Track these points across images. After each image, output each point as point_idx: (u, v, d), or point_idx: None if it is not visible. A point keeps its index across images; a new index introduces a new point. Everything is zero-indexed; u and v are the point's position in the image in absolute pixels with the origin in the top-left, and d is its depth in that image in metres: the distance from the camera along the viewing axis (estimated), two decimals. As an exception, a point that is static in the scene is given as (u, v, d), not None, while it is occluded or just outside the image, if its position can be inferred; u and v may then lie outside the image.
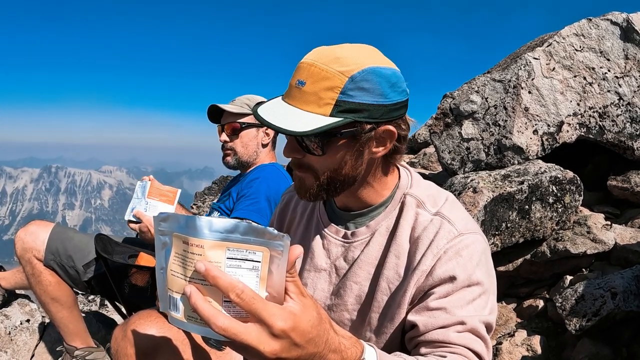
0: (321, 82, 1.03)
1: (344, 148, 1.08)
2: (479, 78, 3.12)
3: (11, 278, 2.62)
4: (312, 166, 1.11)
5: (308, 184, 1.13)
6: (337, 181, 1.12)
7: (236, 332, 0.67)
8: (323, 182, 1.12)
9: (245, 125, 2.30)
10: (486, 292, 1.06)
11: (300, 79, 1.05)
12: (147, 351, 1.28)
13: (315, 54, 1.07)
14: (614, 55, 3.00)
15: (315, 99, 1.03)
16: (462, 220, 1.13)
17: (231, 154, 2.34)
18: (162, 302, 0.77)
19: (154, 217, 0.75)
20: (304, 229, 1.32)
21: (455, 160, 3.10)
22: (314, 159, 1.10)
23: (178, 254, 0.71)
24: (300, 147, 1.10)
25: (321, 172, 1.11)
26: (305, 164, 1.12)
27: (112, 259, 2.14)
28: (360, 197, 1.19)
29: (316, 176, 1.11)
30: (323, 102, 1.03)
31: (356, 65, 1.03)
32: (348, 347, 0.80)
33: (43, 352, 2.62)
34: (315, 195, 1.14)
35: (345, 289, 1.21)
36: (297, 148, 1.10)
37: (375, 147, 1.11)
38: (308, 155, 1.10)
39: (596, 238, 2.61)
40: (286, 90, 1.11)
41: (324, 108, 1.03)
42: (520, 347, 2.38)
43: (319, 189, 1.13)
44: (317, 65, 1.04)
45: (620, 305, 2.14)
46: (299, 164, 1.13)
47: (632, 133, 2.98)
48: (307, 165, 1.12)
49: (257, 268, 0.70)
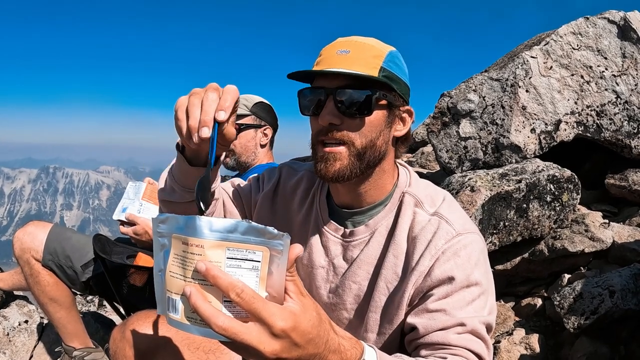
0: (367, 50, 1.10)
1: (381, 115, 1.12)
2: (477, 77, 3.12)
3: (9, 279, 2.61)
4: (349, 135, 1.10)
5: (340, 158, 1.10)
6: (370, 155, 1.12)
7: (236, 331, 0.67)
8: (358, 154, 1.10)
9: (244, 126, 2.30)
10: (485, 292, 1.06)
11: (343, 49, 1.10)
12: (146, 352, 1.27)
13: (345, 37, 1.15)
14: (612, 53, 3.01)
15: (364, 63, 1.08)
16: (459, 220, 1.13)
17: (230, 155, 2.34)
18: (160, 304, 0.76)
19: (153, 219, 0.75)
20: (302, 219, 1.31)
21: (453, 159, 3.10)
22: (354, 125, 1.10)
23: (177, 255, 0.71)
24: (340, 112, 1.08)
25: (358, 142, 1.10)
26: (341, 133, 1.10)
27: (110, 259, 2.13)
28: (362, 194, 1.19)
29: (352, 147, 1.10)
30: (371, 66, 1.08)
31: (386, 46, 1.14)
32: (348, 348, 0.80)
33: (41, 352, 2.62)
34: (343, 170, 1.10)
35: (344, 289, 1.21)
36: (337, 113, 1.09)
37: (397, 125, 1.18)
38: (347, 121, 1.09)
39: (594, 236, 2.61)
40: (321, 62, 1.12)
41: (372, 70, 1.08)
42: (518, 345, 2.38)
43: (350, 163, 1.10)
44: (357, 40, 1.12)
45: (618, 303, 2.14)
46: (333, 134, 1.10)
47: (630, 131, 2.98)
48: (342, 136, 1.10)
49: (257, 268, 0.70)
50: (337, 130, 1.10)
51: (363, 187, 1.18)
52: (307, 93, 1.14)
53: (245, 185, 1.44)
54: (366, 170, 1.13)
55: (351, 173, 1.11)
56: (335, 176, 1.11)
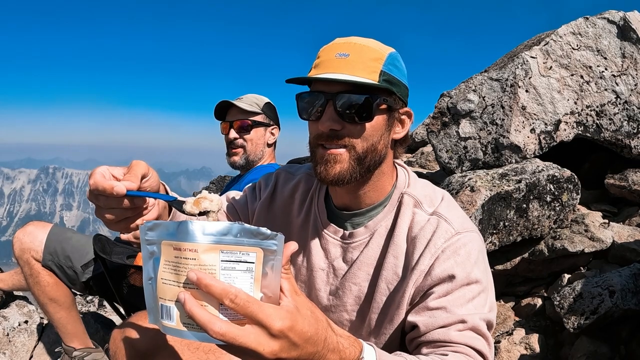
0: (366, 53, 1.08)
1: (381, 120, 1.11)
2: (476, 77, 3.13)
3: (9, 279, 2.61)
4: (350, 140, 1.09)
5: (341, 160, 1.10)
6: (370, 159, 1.11)
7: (234, 335, 0.67)
8: (359, 158, 1.10)
9: (256, 123, 2.32)
10: (485, 290, 1.07)
11: (341, 52, 1.08)
12: (146, 352, 1.27)
13: (344, 38, 1.13)
14: (611, 53, 3.01)
15: (363, 67, 1.07)
16: (458, 219, 1.13)
17: (240, 153, 2.35)
18: (151, 314, 0.75)
19: (140, 227, 0.74)
20: (302, 223, 1.31)
21: (453, 159, 3.11)
22: (354, 130, 1.09)
23: (169, 262, 0.70)
24: (340, 118, 1.08)
25: (359, 146, 1.09)
26: (342, 137, 1.09)
27: (110, 259, 2.13)
28: (361, 196, 1.19)
29: (352, 151, 1.09)
30: (370, 70, 1.07)
31: (386, 48, 1.12)
32: (346, 347, 0.80)
33: (41, 353, 2.62)
34: (344, 174, 1.10)
35: (345, 290, 1.21)
36: (337, 119, 1.08)
37: (397, 127, 1.17)
38: (348, 126, 1.08)
39: (594, 236, 2.62)
40: (320, 65, 1.11)
41: (372, 75, 1.07)
42: (518, 345, 2.38)
43: (350, 167, 1.10)
44: (356, 42, 1.10)
45: (618, 303, 2.14)
46: (334, 139, 1.09)
47: (630, 131, 2.99)
48: (342, 141, 1.09)
49: (251, 269, 0.70)
50: (338, 135, 1.09)
51: (362, 189, 1.18)
52: (306, 97, 1.13)
53: (241, 198, 1.43)
54: (366, 174, 1.13)
55: (351, 177, 1.10)
56: (335, 179, 1.10)
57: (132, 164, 0.90)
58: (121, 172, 0.88)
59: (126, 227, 0.93)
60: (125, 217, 0.91)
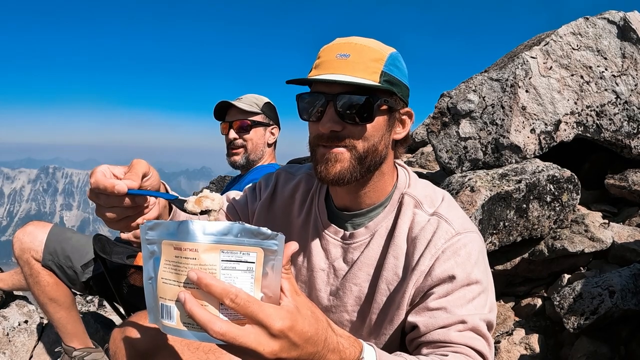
0: (367, 54, 1.08)
1: (382, 120, 1.11)
2: (476, 77, 3.12)
3: (9, 279, 2.61)
4: (351, 141, 1.09)
5: (341, 159, 1.09)
6: (371, 159, 1.11)
7: (234, 335, 0.67)
8: (359, 158, 1.09)
9: (255, 123, 2.32)
10: (485, 290, 1.07)
11: (342, 52, 1.08)
12: (146, 352, 1.27)
13: (344, 38, 1.12)
14: (611, 53, 3.01)
15: (364, 68, 1.07)
16: (458, 220, 1.13)
17: (241, 152, 2.35)
18: (151, 313, 0.75)
19: (141, 226, 0.74)
20: (302, 223, 1.31)
21: (453, 159, 3.11)
22: (355, 131, 1.09)
23: (169, 261, 0.70)
24: (341, 119, 1.07)
25: (360, 146, 1.09)
26: (342, 138, 1.09)
27: (110, 259, 2.13)
28: (361, 196, 1.19)
29: (353, 151, 1.09)
30: (371, 70, 1.07)
31: (386, 48, 1.12)
32: (347, 347, 0.80)
33: (41, 353, 2.62)
34: (344, 173, 1.10)
35: (345, 291, 1.21)
36: (338, 120, 1.08)
37: (397, 128, 1.17)
38: (348, 127, 1.08)
39: (594, 236, 2.62)
40: (320, 65, 1.10)
41: (373, 75, 1.07)
42: (518, 345, 2.38)
43: (351, 166, 1.09)
44: (356, 42, 1.10)
45: (618, 303, 2.14)
46: (335, 140, 1.09)
47: (630, 131, 2.99)
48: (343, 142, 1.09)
49: (251, 269, 0.70)
50: (338, 136, 1.09)
51: (363, 190, 1.18)
52: (307, 98, 1.13)
53: (241, 198, 1.43)
54: (366, 174, 1.13)
55: (351, 177, 1.10)
56: (336, 179, 1.10)
57: (133, 162, 0.90)
58: (122, 171, 0.88)
59: (127, 226, 0.93)
60: (126, 215, 0.91)
